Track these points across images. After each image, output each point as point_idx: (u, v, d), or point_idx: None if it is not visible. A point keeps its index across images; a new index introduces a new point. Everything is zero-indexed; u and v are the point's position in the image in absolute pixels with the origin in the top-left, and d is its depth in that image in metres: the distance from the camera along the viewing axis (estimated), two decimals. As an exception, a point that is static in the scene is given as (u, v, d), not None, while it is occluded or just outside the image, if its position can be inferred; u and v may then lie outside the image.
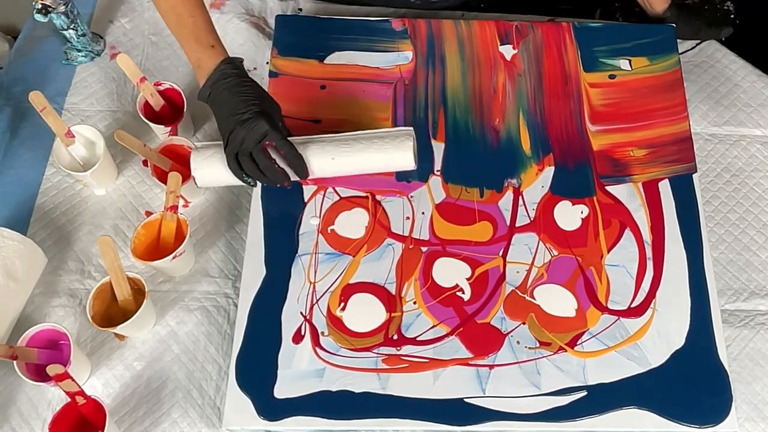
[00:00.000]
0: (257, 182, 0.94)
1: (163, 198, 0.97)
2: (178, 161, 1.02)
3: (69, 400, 0.84)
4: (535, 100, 1.08)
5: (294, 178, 0.94)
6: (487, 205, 1.01)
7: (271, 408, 0.88)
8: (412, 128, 0.96)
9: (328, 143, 0.94)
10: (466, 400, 0.89)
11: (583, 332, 0.93)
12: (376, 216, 0.99)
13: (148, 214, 1.03)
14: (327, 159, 0.93)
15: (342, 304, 0.94)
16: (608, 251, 0.98)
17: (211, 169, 0.94)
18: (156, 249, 0.98)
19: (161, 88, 1.06)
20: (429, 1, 1.17)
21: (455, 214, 1.00)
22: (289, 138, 0.92)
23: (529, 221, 0.99)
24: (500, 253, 0.97)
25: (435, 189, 1.01)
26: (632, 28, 1.15)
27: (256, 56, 1.16)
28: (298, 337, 0.92)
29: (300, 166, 0.92)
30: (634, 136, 1.06)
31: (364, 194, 1.01)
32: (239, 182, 0.94)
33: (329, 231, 0.98)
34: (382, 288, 0.95)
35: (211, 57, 0.92)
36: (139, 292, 0.93)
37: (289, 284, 0.95)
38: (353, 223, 0.99)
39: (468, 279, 0.96)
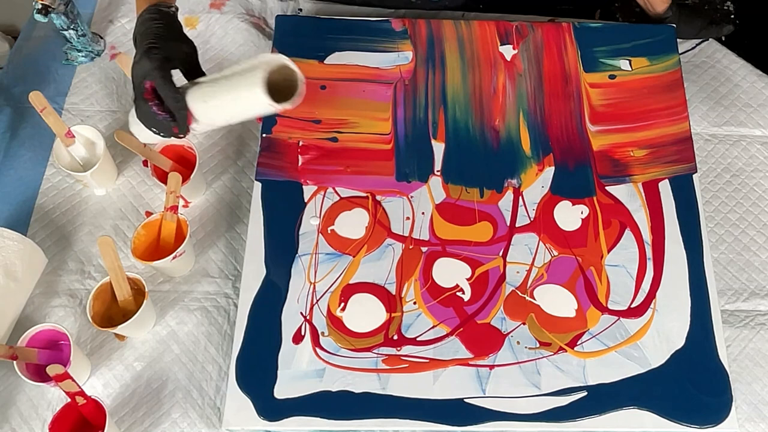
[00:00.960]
0: (169, 131, 0.84)
1: (163, 198, 0.97)
2: (178, 161, 1.02)
3: (69, 400, 0.84)
4: (535, 101, 1.08)
5: (181, 126, 0.84)
6: (487, 205, 1.01)
7: (271, 408, 0.88)
8: (282, 56, 0.81)
9: (206, 84, 0.82)
10: (466, 400, 0.89)
11: (583, 332, 0.93)
12: (376, 216, 0.99)
13: (148, 214, 1.03)
14: (201, 104, 0.83)
15: (342, 304, 0.94)
16: (608, 251, 0.98)
17: (137, 126, 0.89)
18: (156, 249, 0.98)
19: (161, 88, 1.06)
20: (429, 1, 1.17)
21: (455, 215, 1.00)
22: (189, 83, 0.84)
23: (529, 221, 0.99)
24: (500, 254, 0.97)
25: (435, 189, 1.01)
26: (632, 28, 1.15)
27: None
28: (298, 338, 0.92)
29: (180, 111, 0.82)
30: (634, 136, 1.06)
31: (364, 194, 1.01)
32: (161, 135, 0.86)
33: (329, 231, 0.98)
34: (382, 288, 0.95)
35: (141, 5, 0.88)
36: (139, 293, 0.93)
37: (289, 284, 0.95)
38: (353, 223, 0.99)
39: (468, 279, 0.96)
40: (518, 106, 1.08)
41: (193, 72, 0.86)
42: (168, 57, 0.82)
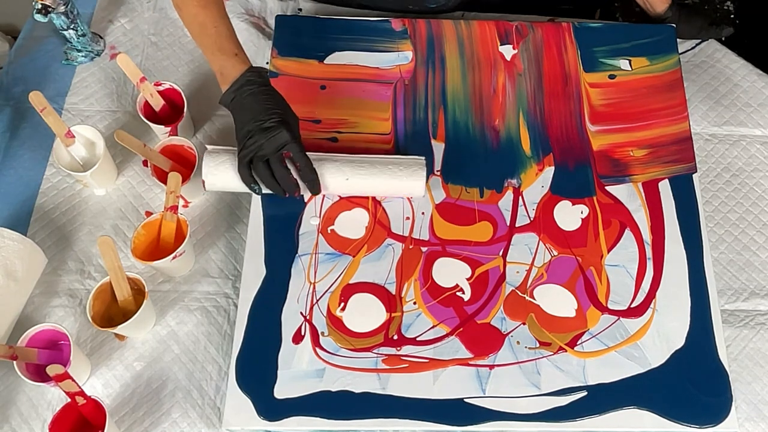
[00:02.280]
0: (262, 190, 0.94)
1: (163, 198, 0.97)
2: (178, 161, 1.02)
3: (69, 400, 0.84)
4: (535, 100, 1.08)
5: (304, 192, 0.95)
6: (487, 205, 1.01)
7: (271, 408, 0.88)
8: (424, 158, 0.98)
9: (344, 163, 0.96)
10: (466, 400, 0.89)
11: (583, 332, 0.93)
12: (376, 216, 0.99)
13: (148, 214, 1.03)
14: (341, 179, 0.95)
15: (342, 304, 0.94)
16: (608, 251, 0.98)
17: (222, 175, 0.95)
18: (156, 249, 0.98)
19: (161, 88, 1.06)
20: (427, 6, 1.17)
21: (455, 214, 1.00)
22: (316, 156, 0.94)
23: (529, 221, 0.99)
24: (500, 253, 0.97)
25: (435, 189, 1.01)
26: (632, 28, 1.15)
27: (256, 56, 1.16)
28: (298, 337, 0.92)
29: (314, 181, 0.93)
30: (634, 136, 1.06)
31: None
32: (246, 189, 0.95)
33: (329, 231, 0.98)
34: (382, 288, 0.95)
35: (236, 65, 0.93)
36: (139, 292, 0.93)
37: (289, 284, 0.95)
38: (353, 223, 0.99)
39: (468, 279, 0.96)
40: (518, 106, 1.08)
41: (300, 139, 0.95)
42: (293, 127, 0.93)
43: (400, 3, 1.15)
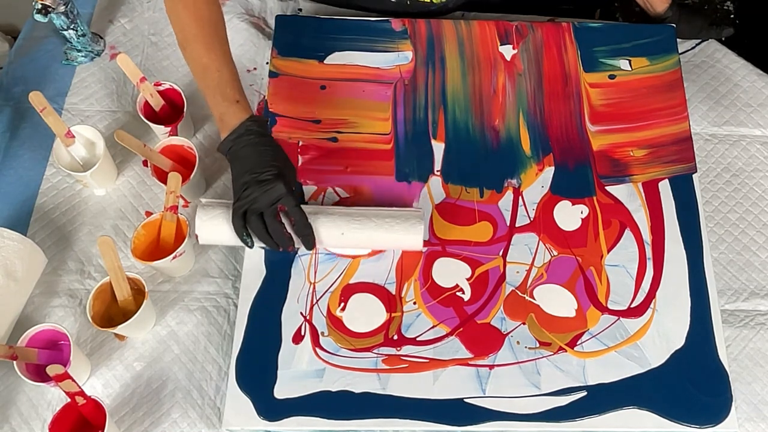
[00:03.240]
0: (255, 244, 0.92)
1: (163, 198, 0.97)
2: (178, 161, 1.02)
3: (69, 400, 0.84)
4: (535, 100, 1.08)
5: (298, 245, 0.92)
6: (487, 205, 1.01)
7: (271, 408, 0.88)
8: (422, 210, 0.97)
9: (339, 217, 0.93)
10: (466, 400, 0.89)
11: (583, 332, 0.93)
12: (376, 216, 0.99)
13: (148, 214, 1.03)
14: (336, 233, 0.92)
15: (342, 304, 0.94)
16: (608, 251, 0.98)
17: (215, 229, 0.93)
18: (156, 249, 0.98)
19: (161, 88, 1.06)
20: (428, 8, 1.16)
21: (455, 215, 1.00)
22: (311, 208, 0.92)
23: (529, 221, 0.99)
24: (500, 253, 0.97)
25: (435, 189, 1.01)
26: (632, 28, 1.15)
27: (256, 56, 1.16)
28: (298, 338, 0.92)
29: (308, 236, 0.91)
30: (634, 136, 1.06)
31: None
32: (240, 243, 0.92)
33: (329, 231, 0.98)
34: (382, 288, 0.95)
35: (236, 112, 0.91)
36: (139, 293, 0.93)
37: (289, 284, 0.95)
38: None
39: (468, 279, 0.96)
40: (518, 106, 1.08)
41: (296, 191, 0.95)
42: (290, 180, 0.91)
43: (400, 5, 1.15)
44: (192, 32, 0.94)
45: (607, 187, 1.02)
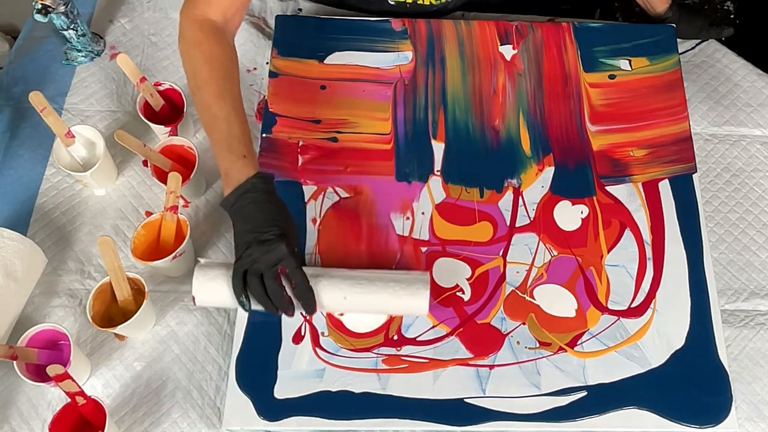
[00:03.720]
0: (252, 306, 0.87)
1: (163, 198, 0.97)
2: (178, 161, 1.02)
3: (69, 400, 0.84)
4: (535, 100, 1.08)
5: (298, 309, 0.87)
6: (487, 205, 1.01)
7: (271, 408, 0.88)
8: (428, 274, 0.92)
9: (342, 280, 0.89)
10: (466, 400, 0.89)
11: (583, 332, 0.93)
12: (376, 216, 0.99)
13: (148, 214, 1.03)
14: (339, 297, 0.88)
15: (342, 304, 0.94)
16: (608, 251, 0.98)
17: (213, 292, 0.88)
18: (156, 249, 0.98)
19: (161, 88, 1.06)
20: (428, 10, 1.16)
21: (455, 215, 1.00)
22: (312, 271, 0.89)
23: (529, 221, 0.99)
24: (500, 253, 0.97)
25: (435, 189, 1.01)
26: (632, 28, 1.15)
27: (256, 56, 1.16)
28: (298, 338, 0.92)
29: (309, 300, 0.86)
30: (634, 136, 1.06)
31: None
32: (237, 305, 0.88)
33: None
34: (382, 288, 0.95)
35: (242, 168, 0.87)
36: (139, 293, 0.93)
37: (289, 284, 0.95)
38: (353, 224, 0.99)
39: (468, 279, 0.96)
40: (518, 106, 1.08)
41: (299, 251, 0.92)
42: (292, 240, 0.87)
43: (399, 7, 1.15)
44: (203, 76, 0.91)
45: (607, 187, 1.02)
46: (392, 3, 1.14)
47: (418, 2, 1.14)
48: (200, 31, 0.93)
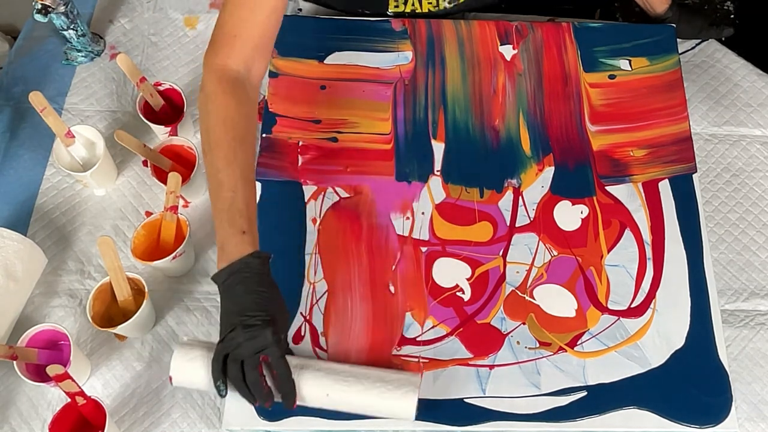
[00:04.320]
0: (227, 393, 0.81)
1: (163, 198, 0.97)
2: (178, 161, 1.02)
3: (69, 400, 0.84)
4: (535, 100, 1.08)
5: (277, 399, 0.81)
6: (487, 205, 1.01)
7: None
8: (419, 376, 0.87)
9: (326, 375, 0.83)
10: (466, 400, 0.89)
11: (583, 332, 0.93)
12: (376, 216, 0.99)
13: (148, 214, 1.03)
14: (321, 393, 0.83)
15: (342, 304, 0.94)
16: (608, 251, 0.98)
17: (191, 374, 0.83)
18: (156, 249, 0.98)
19: (161, 88, 1.06)
20: (431, 12, 1.16)
21: (455, 215, 1.00)
22: (286, 356, 0.82)
23: (529, 221, 0.99)
24: (500, 253, 0.97)
25: (435, 189, 1.01)
26: (632, 28, 1.15)
27: (256, 56, 1.16)
28: (298, 338, 0.92)
29: (289, 394, 0.81)
30: (634, 136, 1.06)
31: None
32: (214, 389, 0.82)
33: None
34: (382, 288, 0.95)
35: (239, 245, 0.82)
36: (139, 293, 0.93)
37: (289, 284, 0.95)
38: (353, 224, 0.99)
39: (468, 279, 0.96)
40: (518, 106, 1.08)
41: (285, 340, 0.86)
42: (279, 327, 0.82)
43: (399, 16, 1.15)
44: (215, 137, 0.86)
45: (607, 187, 1.02)
46: (390, 13, 1.14)
47: (417, 11, 1.14)
48: (219, 84, 0.88)
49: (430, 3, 1.13)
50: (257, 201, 0.99)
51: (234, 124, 0.87)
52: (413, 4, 1.13)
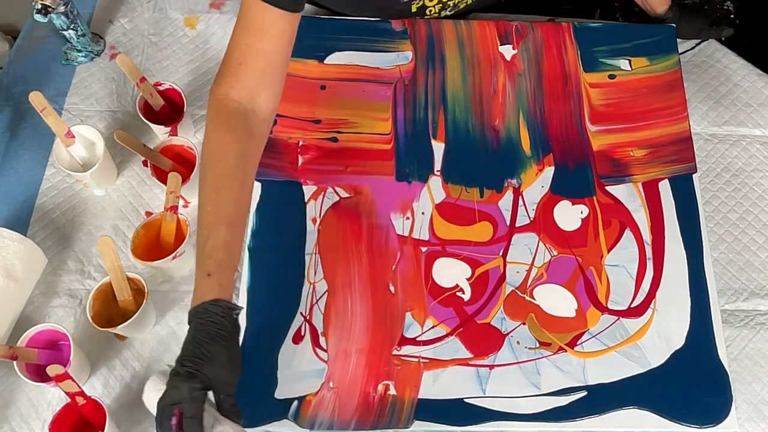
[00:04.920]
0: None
1: (163, 198, 0.97)
2: (178, 161, 1.02)
3: (69, 400, 0.84)
4: (535, 100, 1.08)
5: None
6: (487, 205, 1.01)
7: (271, 408, 0.88)
8: None
9: None
10: (466, 400, 0.89)
11: (583, 332, 0.93)
12: (376, 216, 0.99)
13: (148, 214, 1.03)
14: None
15: (342, 304, 0.94)
16: (608, 251, 0.98)
17: (150, 405, 0.77)
18: (156, 249, 0.97)
19: (161, 88, 1.06)
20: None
21: (455, 214, 1.00)
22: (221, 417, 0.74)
23: (529, 221, 0.99)
24: (500, 253, 0.97)
25: (435, 189, 1.01)
26: (632, 28, 1.15)
27: (256, 56, 1.16)
28: (298, 338, 0.92)
29: None
30: (634, 136, 1.06)
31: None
32: None
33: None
34: (382, 288, 0.95)
35: (200, 288, 0.79)
36: (139, 293, 0.93)
37: (289, 284, 0.95)
38: (353, 224, 0.99)
39: (468, 279, 0.96)
40: (518, 106, 1.08)
41: (226, 399, 0.77)
42: (209, 386, 0.75)
43: (405, 14, 1.15)
44: (203, 171, 0.84)
45: (607, 187, 1.02)
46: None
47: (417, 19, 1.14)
48: (215, 116, 0.85)
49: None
50: (256, 203, 0.99)
51: (223, 158, 0.84)
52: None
